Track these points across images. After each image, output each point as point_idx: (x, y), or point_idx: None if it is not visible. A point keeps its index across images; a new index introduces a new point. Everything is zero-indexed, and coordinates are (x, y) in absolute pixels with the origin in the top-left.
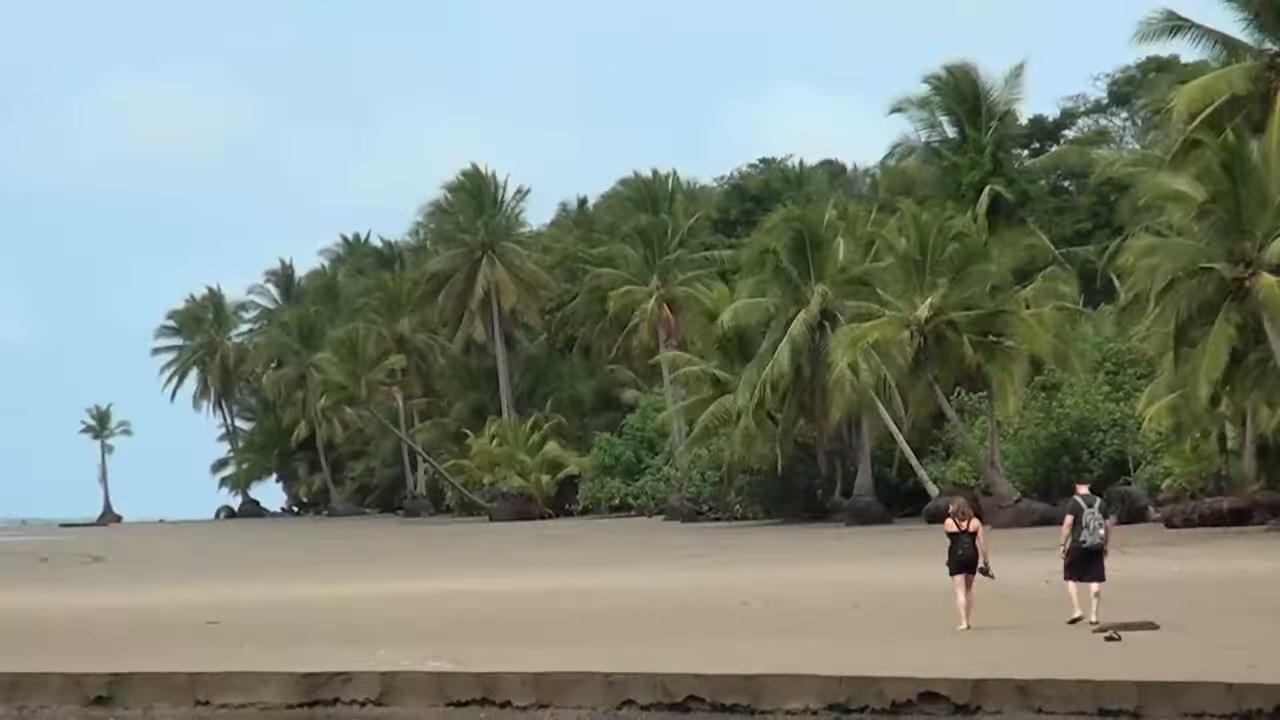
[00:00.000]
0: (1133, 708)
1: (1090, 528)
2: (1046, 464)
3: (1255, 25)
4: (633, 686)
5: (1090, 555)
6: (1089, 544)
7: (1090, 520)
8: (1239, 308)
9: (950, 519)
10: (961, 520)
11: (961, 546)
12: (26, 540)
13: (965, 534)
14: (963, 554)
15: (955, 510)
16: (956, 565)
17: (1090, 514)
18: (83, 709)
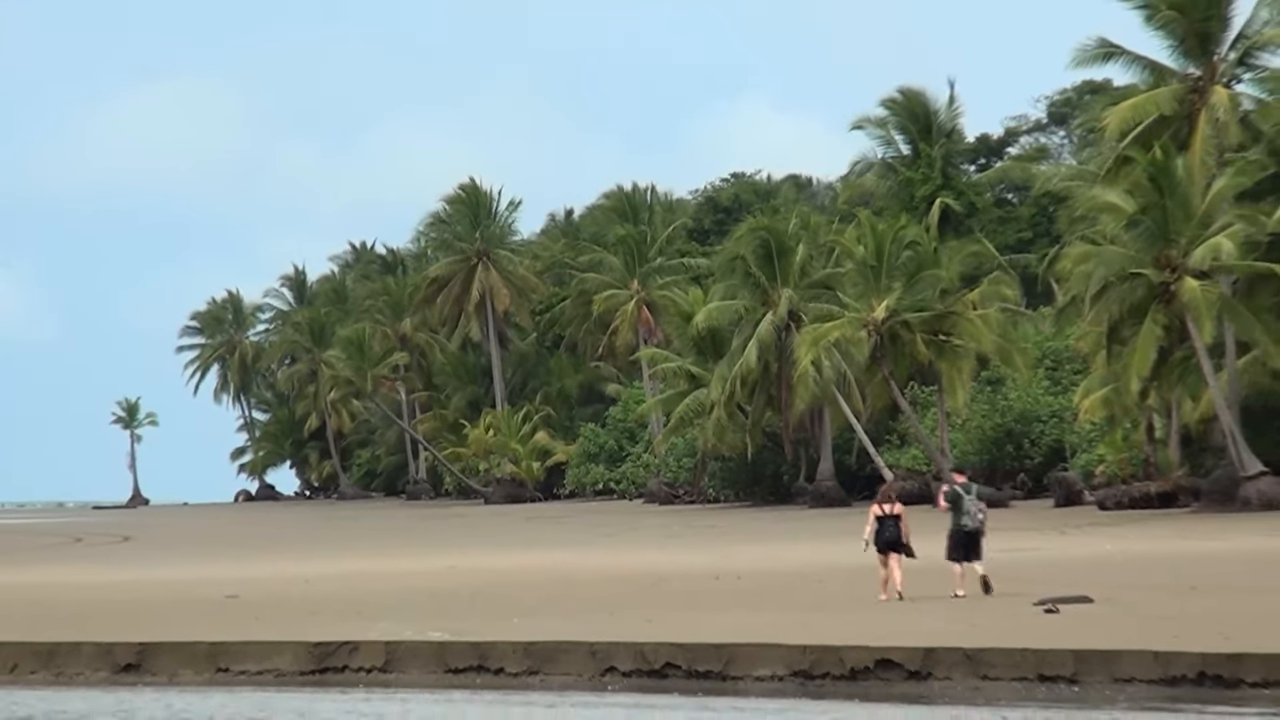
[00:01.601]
0: (1070, 674)
1: (970, 513)
2: (992, 452)
3: (1180, 52)
4: (615, 655)
5: (971, 538)
6: (969, 527)
7: (970, 506)
8: (1165, 310)
9: (877, 504)
10: (887, 505)
11: (887, 529)
12: (62, 521)
13: (890, 517)
14: (888, 535)
15: (882, 496)
16: (882, 545)
17: (970, 500)
18: (113, 675)
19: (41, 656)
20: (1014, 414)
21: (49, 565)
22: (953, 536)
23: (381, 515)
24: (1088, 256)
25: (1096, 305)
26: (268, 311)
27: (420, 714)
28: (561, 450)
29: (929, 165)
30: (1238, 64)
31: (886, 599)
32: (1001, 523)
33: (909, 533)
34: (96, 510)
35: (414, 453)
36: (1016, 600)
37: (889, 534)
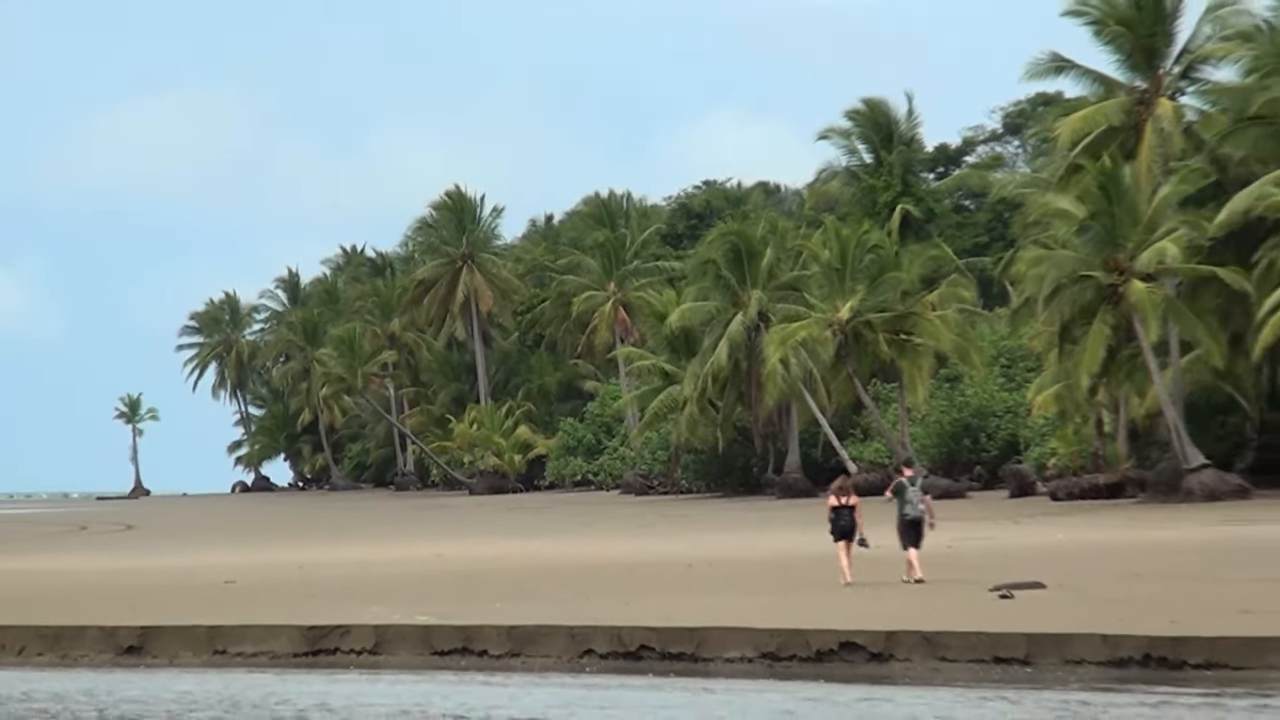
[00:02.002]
0: (1023, 655)
1: (912, 503)
2: (950, 445)
3: (1128, 65)
4: (593, 638)
5: (913, 525)
6: (910, 516)
7: (912, 496)
8: (1114, 310)
9: (834, 495)
10: (843, 496)
11: (843, 518)
12: (68, 511)
13: (845, 508)
14: (844, 524)
15: (837, 488)
16: (838, 533)
17: (913, 491)
18: (116, 657)
19: (48, 639)
20: (971, 409)
21: (55, 553)
22: (899, 524)
23: (371, 506)
24: (1040, 260)
25: (1049, 306)
26: (263, 312)
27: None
28: (542, 444)
29: (890, 173)
30: (1181, 77)
31: (849, 583)
32: (959, 513)
33: (862, 523)
34: (100, 501)
35: (402, 446)
36: (973, 586)
37: (844, 523)
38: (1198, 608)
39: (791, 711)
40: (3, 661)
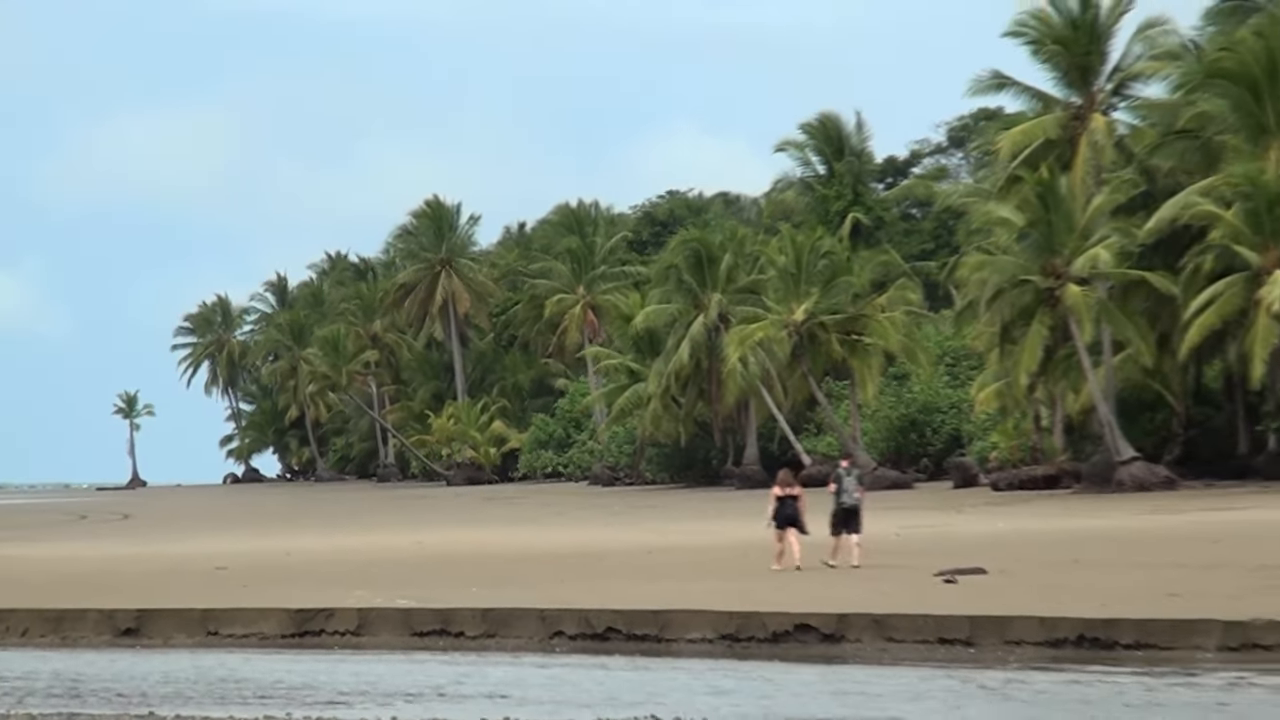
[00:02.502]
0: (966, 637)
1: (848, 491)
2: (898, 439)
3: (1064, 83)
4: (562, 620)
5: (849, 513)
6: (846, 504)
7: (848, 485)
8: (1051, 313)
9: (778, 486)
10: (787, 487)
11: (787, 508)
12: (68, 501)
13: (789, 497)
14: (787, 513)
15: (782, 479)
16: (782, 521)
17: (849, 480)
18: (114, 638)
19: (50, 621)
20: (917, 405)
21: (56, 540)
22: (834, 513)
23: (355, 496)
24: (982, 265)
25: (990, 308)
26: (253, 314)
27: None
28: (515, 438)
29: (842, 183)
30: (1113, 94)
31: (780, 569)
32: (906, 502)
33: (805, 511)
34: (99, 491)
35: (384, 440)
36: (919, 571)
37: (788, 511)
38: (1128, 592)
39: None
40: (7, 643)
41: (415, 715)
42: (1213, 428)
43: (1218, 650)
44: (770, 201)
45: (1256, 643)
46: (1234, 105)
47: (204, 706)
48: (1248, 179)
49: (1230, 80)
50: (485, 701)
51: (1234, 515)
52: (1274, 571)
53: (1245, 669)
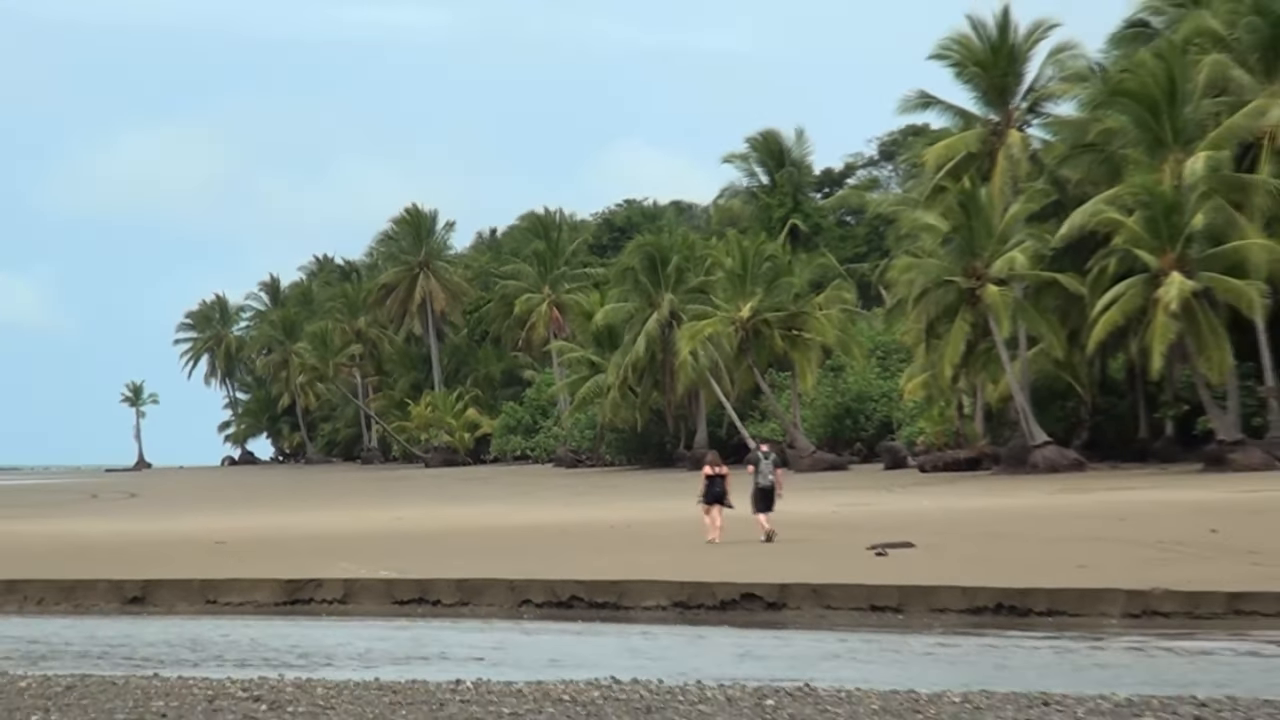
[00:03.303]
0: (895, 604)
1: (764, 473)
2: (834, 425)
3: (983, 101)
4: (530, 589)
5: (765, 493)
6: (762, 485)
7: (765, 468)
8: (972, 310)
9: (707, 467)
10: (715, 467)
11: (715, 486)
12: (80, 482)
13: (717, 477)
14: (715, 491)
15: (710, 461)
16: (710, 499)
17: (765, 464)
18: (122, 606)
19: (64, 591)
20: (852, 394)
21: (69, 517)
22: (753, 493)
23: (341, 477)
24: (910, 267)
25: (917, 306)
26: (248, 311)
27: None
28: (487, 423)
29: (783, 193)
30: (1028, 111)
31: (713, 539)
32: (841, 483)
33: (730, 490)
34: (108, 473)
35: (367, 426)
36: (853, 545)
37: (716, 489)
38: (1041, 564)
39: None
40: (24, 610)
41: (397, 675)
42: (1116, 415)
43: (1121, 617)
44: (718, 209)
45: (1155, 610)
46: (1135, 121)
47: (204, 669)
48: (1146, 189)
49: (1132, 99)
50: (460, 663)
51: (1136, 494)
52: (1171, 546)
53: (1146, 634)
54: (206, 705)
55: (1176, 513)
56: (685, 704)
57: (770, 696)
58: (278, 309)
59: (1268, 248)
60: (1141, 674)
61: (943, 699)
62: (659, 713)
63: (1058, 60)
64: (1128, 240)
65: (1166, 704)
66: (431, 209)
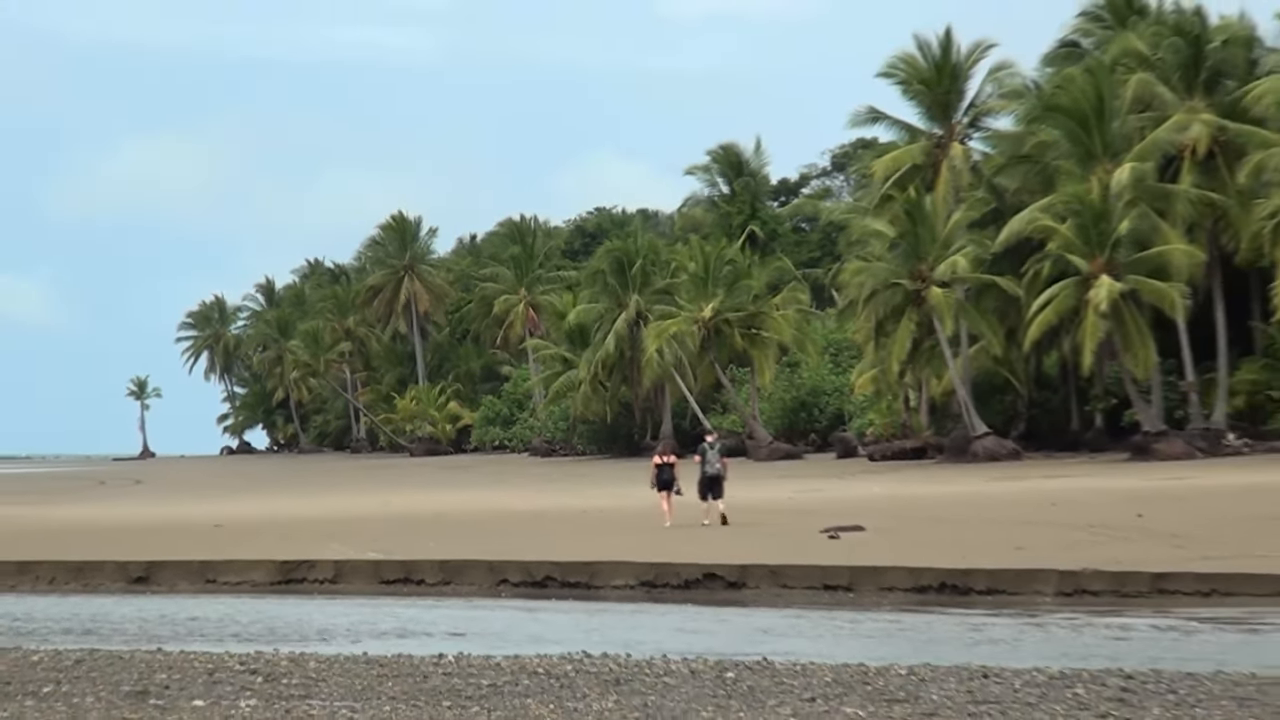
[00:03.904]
0: (847, 583)
1: (710, 462)
2: (790, 417)
3: (928, 116)
4: (507, 570)
5: (712, 481)
6: (709, 473)
7: (711, 458)
8: (917, 311)
9: (657, 456)
10: (665, 456)
11: (664, 474)
12: (88, 470)
13: (667, 465)
14: (665, 478)
15: (660, 450)
16: (660, 485)
17: (711, 454)
18: (128, 585)
19: (73, 571)
20: (807, 389)
21: (78, 503)
22: (700, 481)
23: (331, 466)
24: (860, 270)
25: (867, 307)
26: (245, 311)
27: (362, 614)
28: (468, 416)
29: (742, 201)
30: (969, 126)
31: (671, 524)
32: (796, 471)
33: (679, 477)
34: (115, 461)
35: (356, 418)
36: (808, 528)
37: (666, 477)
38: (982, 545)
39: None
40: (36, 589)
41: (384, 650)
42: (1050, 408)
43: (1055, 595)
44: (681, 216)
45: (1086, 589)
46: (1067, 135)
47: (204, 643)
48: (1077, 198)
49: (1064, 114)
50: (443, 638)
51: (1068, 482)
52: (1101, 529)
53: (1077, 611)
54: (206, 677)
55: (1105, 499)
56: (651, 676)
57: (730, 669)
58: (272, 309)
59: (1188, 252)
60: (1073, 648)
61: (890, 671)
62: (627, 684)
63: (996, 78)
64: (1060, 246)
65: (1096, 676)
66: (416, 216)
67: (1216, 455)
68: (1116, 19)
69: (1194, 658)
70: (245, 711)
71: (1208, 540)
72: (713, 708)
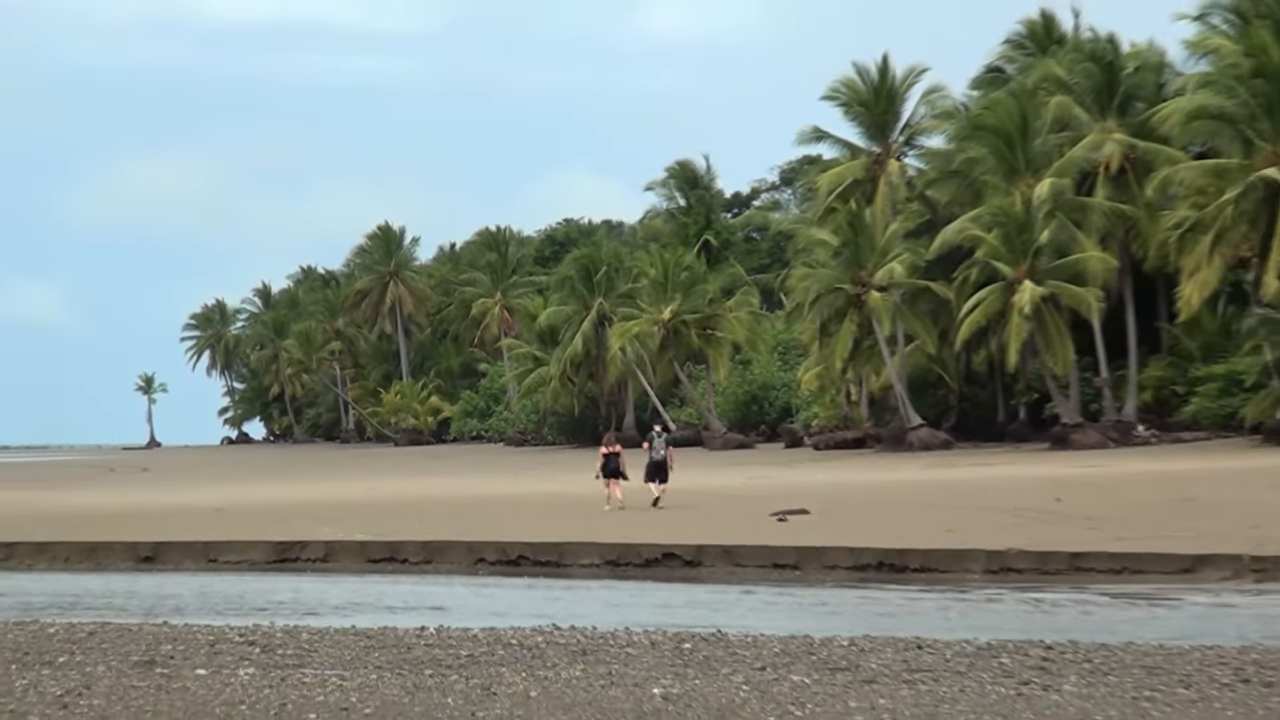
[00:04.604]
0: (794, 562)
1: (656, 449)
2: (743, 410)
3: (867, 135)
4: (484, 550)
5: (657, 466)
6: (655, 459)
7: (658, 445)
8: (858, 313)
9: (605, 446)
10: (612, 447)
11: (611, 463)
12: (99, 459)
13: (613, 454)
14: (612, 466)
15: (607, 441)
16: (608, 473)
17: (658, 441)
18: (136, 564)
19: (85, 551)
20: (758, 384)
21: (90, 489)
22: (647, 466)
23: (323, 455)
24: (806, 276)
25: (812, 309)
26: (243, 313)
27: (351, 590)
28: (448, 409)
29: (697, 213)
30: (905, 144)
31: (611, 509)
32: (749, 459)
33: (624, 465)
34: (124, 450)
35: (345, 411)
36: (758, 512)
37: (613, 465)
38: (916, 528)
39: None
40: (52, 568)
41: (371, 623)
42: (979, 402)
43: (982, 573)
44: (642, 227)
45: (1010, 567)
46: (993, 153)
47: (206, 617)
48: (1003, 210)
49: (990, 133)
50: (425, 613)
51: (995, 469)
52: (1024, 512)
53: (1002, 587)
54: (208, 648)
55: (1028, 485)
56: (615, 647)
57: (688, 640)
58: (269, 311)
59: (1102, 259)
60: (999, 621)
61: (833, 642)
62: (593, 654)
63: (929, 100)
64: (988, 253)
65: (1020, 647)
66: (400, 226)
67: (1128, 445)
68: (1038, 46)
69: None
70: (244, 679)
71: (1120, 522)
72: (671, 675)
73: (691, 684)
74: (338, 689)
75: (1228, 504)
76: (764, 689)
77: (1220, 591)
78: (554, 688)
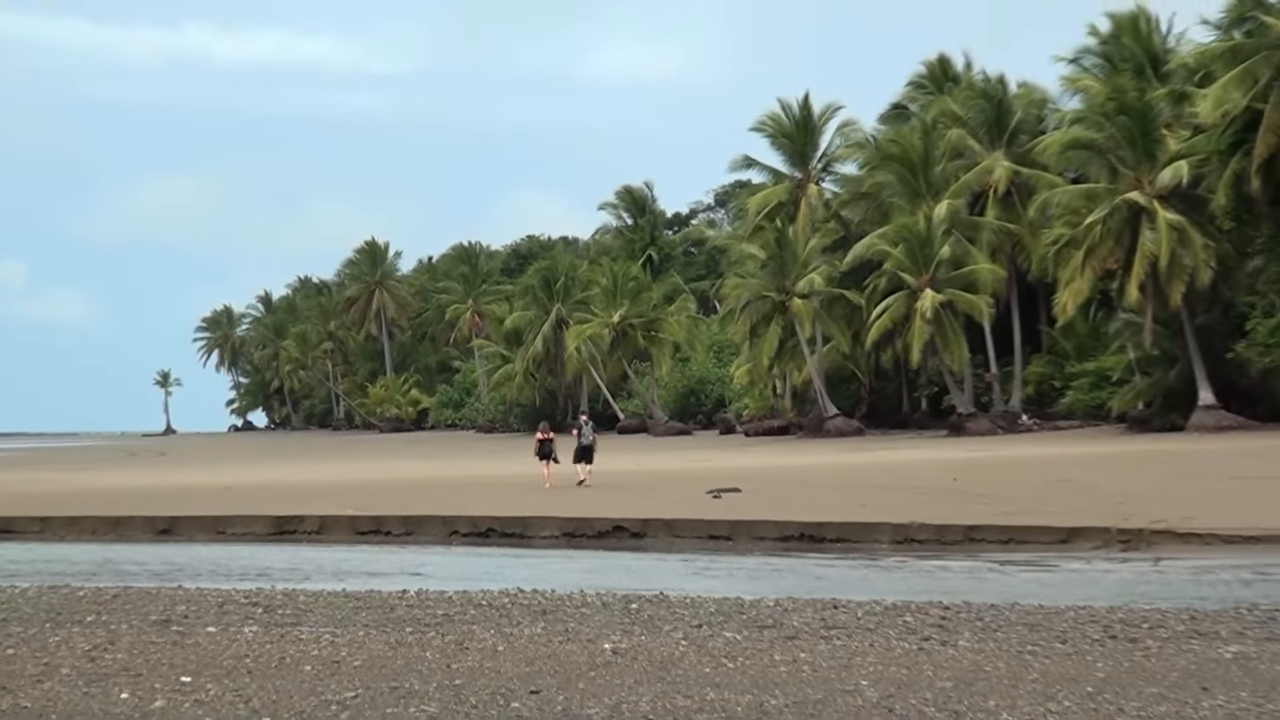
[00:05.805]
0: (727, 534)
1: (585, 435)
2: (683, 401)
3: (790, 163)
4: (458, 523)
5: (584, 450)
6: (583, 443)
7: (585, 431)
8: (783, 317)
9: (539, 433)
10: (546, 433)
11: (545, 447)
12: (121, 444)
13: (547, 440)
14: (546, 450)
15: (542, 428)
16: (541, 455)
17: (586, 429)
18: (154, 536)
19: (110, 524)
20: (695, 379)
21: (114, 470)
22: (575, 449)
23: (317, 441)
24: (738, 285)
25: (742, 314)
26: (248, 317)
27: (342, 558)
28: (426, 401)
29: (643, 230)
30: (822, 170)
31: (550, 486)
32: (688, 445)
33: (556, 450)
34: (144, 437)
35: (337, 402)
36: (696, 491)
37: (546, 449)
38: (832, 504)
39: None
40: (80, 539)
41: (359, 586)
42: (886, 394)
43: (890, 543)
44: (595, 242)
45: (913, 538)
46: (898, 178)
47: (215, 580)
48: (907, 228)
49: (896, 161)
50: (406, 578)
51: (900, 454)
52: (926, 491)
53: (906, 556)
54: (217, 608)
55: (928, 467)
56: (572, 607)
57: (635, 601)
58: (270, 315)
59: (992, 270)
60: (903, 584)
61: (761, 603)
62: (552, 614)
63: (843, 133)
64: (894, 265)
65: (922, 607)
66: (384, 241)
67: (1014, 432)
68: (936, 86)
69: (996, 593)
70: (249, 635)
71: (1008, 499)
72: (620, 632)
73: (638, 639)
74: (330, 644)
75: (1098, 484)
76: (700, 644)
77: (1091, 559)
78: (518, 643)
